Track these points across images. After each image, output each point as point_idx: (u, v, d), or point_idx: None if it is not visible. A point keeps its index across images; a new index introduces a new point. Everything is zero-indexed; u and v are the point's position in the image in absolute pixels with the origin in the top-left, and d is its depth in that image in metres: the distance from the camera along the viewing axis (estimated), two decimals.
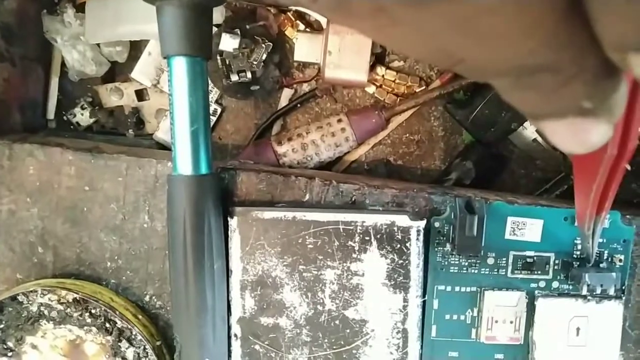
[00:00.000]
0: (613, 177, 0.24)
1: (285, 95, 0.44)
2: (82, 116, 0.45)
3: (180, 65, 0.32)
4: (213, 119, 0.44)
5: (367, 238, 0.33)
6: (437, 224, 0.34)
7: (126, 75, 0.45)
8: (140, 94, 0.45)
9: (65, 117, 0.45)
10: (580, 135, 0.17)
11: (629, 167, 0.24)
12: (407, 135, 0.44)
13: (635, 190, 0.44)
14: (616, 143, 0.22)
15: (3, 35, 0.39)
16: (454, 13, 0.13)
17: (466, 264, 0.34)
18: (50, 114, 0.45)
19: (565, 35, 0.14)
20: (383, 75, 0.42)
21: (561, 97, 0.16)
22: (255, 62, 0.40)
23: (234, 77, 0.40)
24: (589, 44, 0.14)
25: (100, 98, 0.45)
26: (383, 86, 0.42)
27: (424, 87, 0.42)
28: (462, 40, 0.14)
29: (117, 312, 0.34)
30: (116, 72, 0.46)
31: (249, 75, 0.40)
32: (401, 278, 0.33)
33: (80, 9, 0.43)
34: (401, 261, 0.33)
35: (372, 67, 0.42)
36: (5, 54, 0.40)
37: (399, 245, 0.33)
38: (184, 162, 0.32)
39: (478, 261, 0.34)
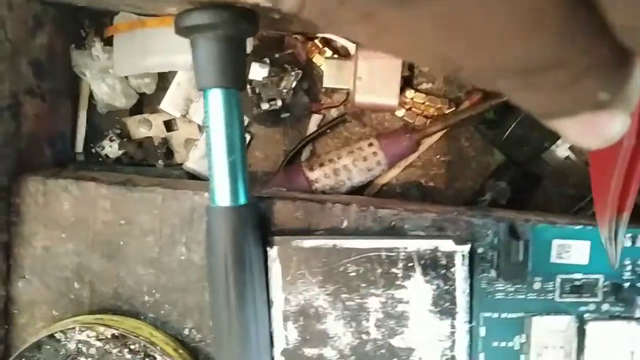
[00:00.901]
0: (633, 171, 0.23)
1: (314, 121, 0.43)
2: (111, 148, 0.45)
3: (216, 97, 0.31)
4: None
5: (410, 264, 0.32)
6: (480, 250, 0.33)
7: (154, 106, 0.45)
8: (169, 125, 0.45)
9: (93, 150, 0.45)
10: (597, 130, 0.16)
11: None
12: (438, 156, 0.44)
13: None
14: (633, 133, 0.21)
15: (34, 72, 0.39)
16: (440, 11, 0.12)
17: (512, 289, 0.33)
18: (79, 147, 0.45)
19: (571, 26, 0.13)
20: (412, 98, 0.42)
21: (575, 93, 0.15)
22: (285, 90, 0.39)
23: (265, 106, 0.39)
24: (599, 32, 0.13)
25: (128, 130, 0.45)
26: (412, 109, 0.42)
27: (453, 109, 0.42)
28: (454, 43, 0.13)
29: (158, 347, 0.33)
30: (144, 104, 0.46)
31: (279, 103, 0.39)
32: (447, 304, 0.32)
33: (107, 42, 0.43)
34: (447, 287, 0.32)
35: (401, 90, 0.41)
36: (36, 89, 0.40)
37: (443, 271, 0.32)
38: (222, 194, 0.32)
39: (524, 286, 0.33)
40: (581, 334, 0.33)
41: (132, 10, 0.41)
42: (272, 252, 0.33)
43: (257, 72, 0.39)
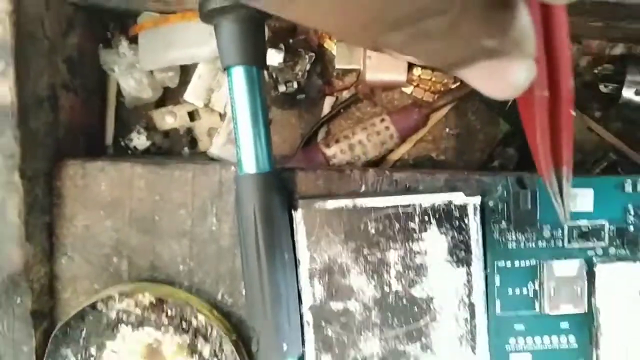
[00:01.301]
0: (560, 125, 0.23)
1: (328, 103, 0.46)
2: (139, 140, 0.48)
3: (239, 74, 0.34)
4: None
5: (426, 218, 0.34)
6: (491, 203, 0.35)
7: (177, 99, 0.48)
8: (192, 115, 0.48)
9: (122, 143, 0.48)
10: (498, 78, 0.17)
11: (574, 113, 0.23)
12: (447, 130, 0.46)
13: None
14: (544, 83, 0.21)
15: (68, 68, 0.43)
16: None
17: (523, 238, 0.35)
18: (109, 140, 0.48)
19: None
20: (419, 75, 0.44)
21: (460, 40, 0.15)
22: (300, 73, 0.42)
23: (282, 88, 0.42)
24: None
25: (154, 122, 0.48)
26: (420, 85, 0.45)
27: (458, 83, 0.45)
28: (345, 5, 0.14)
29: (194, 308, 0.36)
30: (167, 97, 0.49)
31: (295, 85, 0.42)
32: (463, 253, 0.34)
33: (133, 41, 0.46)
34: (461, 237, 0.34)
35: (409, 68, 0.44)
36: (70, 84, 0.43)
37: (457, 222, 0.34)
38: (248, 162, 0.34)
39: (534, 235, 0.35)
40: (591, 277, 0.35)
41: (156, 8, 0.45)
42: (297, 214, 0.35)
43: (273, 57, 0.42)
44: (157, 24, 0.45)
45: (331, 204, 0.35)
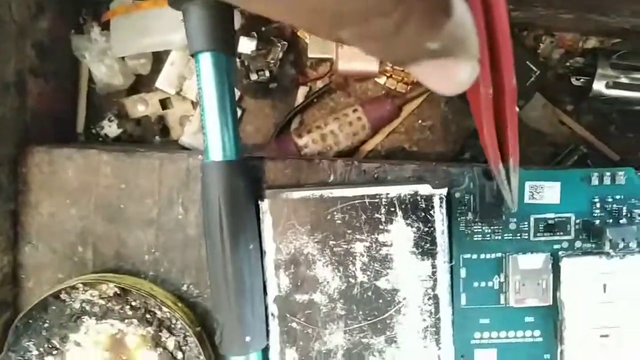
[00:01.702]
0: (505, 120, 0.24)
1: (301, 93, 0.45)
2: (110, 128, 0.47)
3: (207, 60, 0.33)
4: None
5: (392, 209, 0.34)
6: (457, 195, 0.34)
7: (149, 87, 0.47)
8: (164, 103, 0.47)
9: (94, 130, 0.47)
10: (443, 76, 0.18)
11: (518, 109, 0.24)
12: (420, 121, 0.45)
13: None
14: (487, 80, 0.21)
15: (37, 54, 0.41)
16: None
17: (489, 231, 0.35)
18: (80, 127, 0.47)
19: None
20: (392, 66, 0.44)
21: (404, 41, 0.16)
22: (272, 61, 0.41)
23: (253, 76, 0.41)
24: None
25: (126, 110, 0.47)
26: (393, 76, 0.44)
27: None
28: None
29: (158, 300, 0.35)
30: (139, 85, 0.48)
31: (267, 73, 0.41)
32: (428, 245, 0.34)
33: (105, 27, 0.45)
34: (426, 229, 0.34)
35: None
36: (39, 70, 0.42)
37: (423, 214, 0.34)
38: (215, 149, 0.33)
39: (500, 227, 0.35)
40: (556, 270, 0.34)
41: None
42: (264, 204, 0.34)
43: (246, 45, 0.41)
44: (129, 10, 0.43)
45: (298, 194, 0.34)
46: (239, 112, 0.45)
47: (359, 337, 0.34)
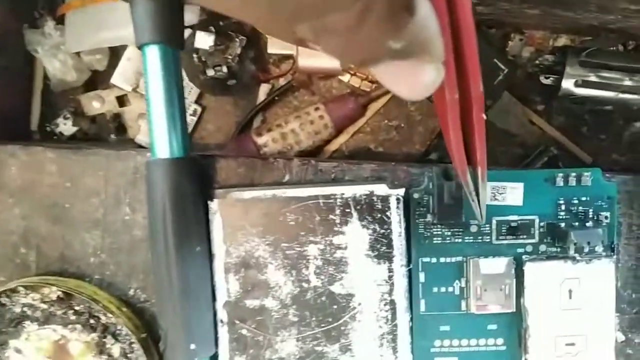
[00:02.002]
0: (472, 128, 0.23)
1: (263, 91, 0.44)
2: (65, 126, 0.45)
3: (154, 52, 0.31)
4: (194, 119, 0.44)
5: (347, 210, 0.32)
6: (416, 195, 0.33)
7: (107, 83, 0.45)
8: (122, 101, 0.45)
9: (48, 128, 0.45)
10: (406, 79, 0.17)
11: (485, 116, 0.23)
12: (386, 121, 0.44)
13: (616, 159, 0.44)
14: (452, 85, 0.20)
15: None
16: None
17: (449, 233, 0.33)
18: (34, 125, 0.45)
19: None
20: None
21: (364, 39, 0.15)
22: (230, 57, 0.40)
23: (210, 72, 0.40)
24: None
25: (82, 107, 0.45)
26: (357, 74, 0.42)
27: None
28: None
29: (101, 305, 0.33)
30: (97, 81, 0.46)
31: (224, 69, 0.40)
32: (384, 248, 0.32)
33: (60, 21, 0.43)
34: (383, 231, 0.32)
35: None
36: None
37: (379, 215, 0.32)
38: (161, 146, 0.32)
39: (461, 230, 0.33)
40: (519, 275, 0.33)
41: None
42: (213, 205, 0.33)
43: (203, 40, 0.40)
44: (84, 3, 0.41)
45: (249, 193, 0.32)
46: (198, 109, 0.44)
47: (312, 345, 0.33)
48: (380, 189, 0.32)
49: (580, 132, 0.44)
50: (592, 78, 0.39)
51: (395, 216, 0.32)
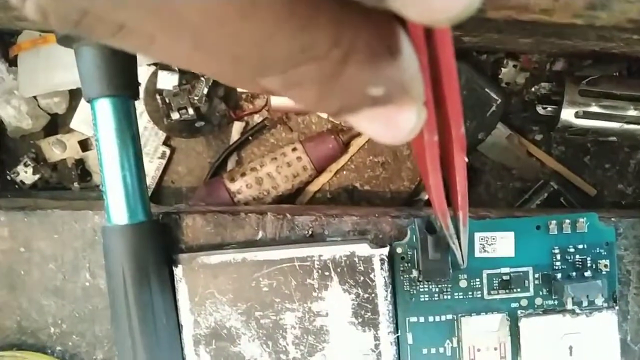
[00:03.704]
0: (452, 171, 0.23)
1: (237, 129, 0.43)
2: (26, 174, 0.44)
3: (104, 107, 0.31)
4: (162, 162, 0.43)
5: (326, 273, 0.32)
6: (399, 250, 0.32)
7: (68, 127, 0.44)
8: (85, 144, 0.44)
9: (9, 177, 0.45)
10: (387, 125, 0.16)
11: (466, 159, 0.23)
12: (371, 157, 0.43)
13: (622, 190, 0.43)
14: (432, 126, 0.20)
15: None
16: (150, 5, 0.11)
17: (437, 289, 0.32)
18: None
19: (307, 12, 0.12)
20: None
21: (342, 88, 0.15)
22: (197, 97, 0.39)
23: (175, 115, 0.39)
24: (349, 19, 0.13)
25: (43, 153, 0.45)
26: None
27: None
28: (190, 48, 0.13)
29: None
30: (59, 125, 0.45)
31: (190, 111, 0.39)
32: (369, 314, 0.31)
33: (13, 63, 0.43)
34: (367, 295, 0.31)
35: None
36: None
37: (362, 278, 0.31)
38: (117, 211, 0.31)
39: (449, 285, 0.32)
40: (515, 332, 0.32)
41: (34, 26, 0.41)
42: (178, 271, 0.32)
43: (166, 80, 0.39)
44: (35, 44, 0.41)
45: (217, 258, 0.32)
46: (167, 152, 0.43)
47: None
48: (362, 249, 0.31)
49: (583, 162, 0.43)
50: (594, 108, 0.39)
51: (380, 278, 0.31)
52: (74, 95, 0.44)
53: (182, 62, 0.15)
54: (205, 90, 0.39)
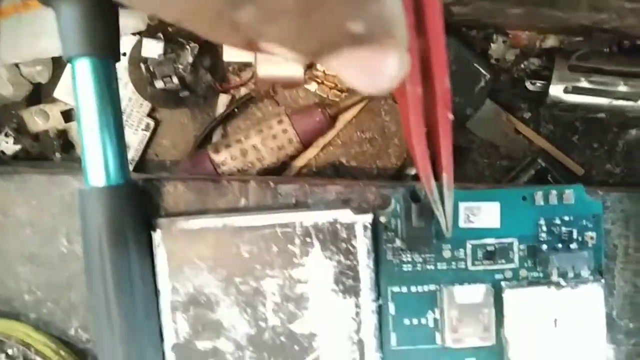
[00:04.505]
0: (437, 127, 0.23)
1: (223, 102, 0.42)
2: (7, 144, 0.43)
3: (84, 66, 0.30)
4: (146, 134, 0.42)
5: (308, 240, 0.31)
6: (383, 219, 0.32)
7: (51, 97, 0.44)
8: (68, 115, 0.44)
9: None
10: (369, 69, 0.16)
11: (451, 116, 0.22)
12: (358, 133, 0.43)
13: (610, 170, 0.43)
14: (415, 77, 0.20)
15: None
16: None
17: (420, 260, 0.32)
18: None
19: None
20: (324, 71, 0.41)
21: (321, 21, 0.14)
22: (181, 66, 0.38)
23: (159, 84, 0.38)
24: None
25: (25, 123, 0.44)
26: (325, 82, 0.41)
27: None
28: None
29: (32, 349, 0.31)
30: (42, 95, 0.44)
31: (175, 80, 0.38)
32: (350, 281, 0.31)
33: None
34: (348, 262, 0.31)
35: (311, 64, 0.40)
36: None
37: (344, 245, 0.31)
38: (95, 173, 0.30)
39: (433, 256, 0.32)
40: (499, 303, 0.31)
41: None
42: (156, 236, 0.31)
43: (151, 48, 0.38)
44: (18, 10, 0.40)
45: (196, 223, 0.31)
46: (152, 124, 0.42)
47: None
48: (345, 216, 0.31)
49: (571, 141, 0.43)
50: (583, 84, 0.38)
51: (362, 246, 0.31)
52: (58, 65, 0.43)
53: (150, 8, 0.14)
54: (190, 59, 0.39)
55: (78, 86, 0.30)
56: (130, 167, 0.42)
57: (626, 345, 0.34)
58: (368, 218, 0.31)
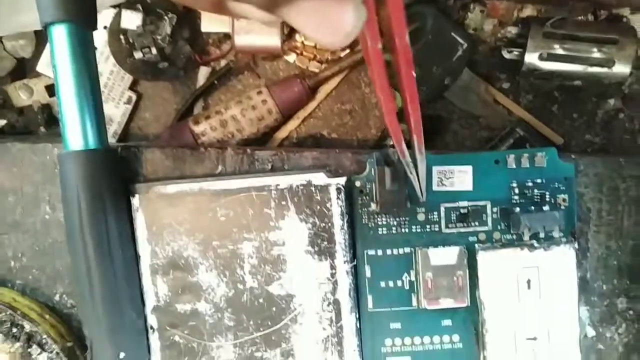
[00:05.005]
0: (404, 88, 0.24)
1: (203, 74, 0.43)
2: None
3: (61, 33, 0.30)
4: (128, 107, 0.43)
5: (283, 203, 0.31)
6: (358, 183, 0.32)
7: (35, 71, 0.44)
8: (52, 89, 0.44)
9: None
10: (326, 20, 0.16)
11: (414, 73, 0.23)
12: (339, 105, 0.43)
13: (590, 140, 0.43)
14: (375, 34, 0.20)
15: None
16: None
17: (395, 223, 0.32)
18: None
19: None
20: (302, 42, 0.41)
21: None
22: (160, 37, 0.39)
23: (138, 55, 0.39)
24: None
25: (10, 98, 0.44)
26: (304, 53, 0.41)
27: (348, 51, 0.42)
28: None
29: (19, 312, 0.32)
30: (26, 70, 0.45)
31: (154, 51, 0.39)
32: (325, 243, 0.31)
33: None
34: (323, 224, 0.31)
35: (290, 34, 0.41)
36: None
37: (319, 207, 0.31)
38: (73, 137, 0.31)
39: (407, 219, 0.32)
40: (473, 265, 0.32)
41: None
42: (135, 200, 0.32)
43: (130, 20, 0.38)
44: None
45: (174, 187, 0.32)
46: (133, 97, 0.43)
47: (252, 351, 0.32)
48: (319, 178, 0.31)
49: (551, 111, 0.43)
50: (558, 50, 0.39)
51: (336, 207, 0.31)
52: (41, 39, 0.43)
53: None
54: (169, 30, 0.39)
55: (55, 52, 0.31)
56: (114, 140, 0.43)
57: (600, 306, 0.35)
58: (341, 180, 0.31)
